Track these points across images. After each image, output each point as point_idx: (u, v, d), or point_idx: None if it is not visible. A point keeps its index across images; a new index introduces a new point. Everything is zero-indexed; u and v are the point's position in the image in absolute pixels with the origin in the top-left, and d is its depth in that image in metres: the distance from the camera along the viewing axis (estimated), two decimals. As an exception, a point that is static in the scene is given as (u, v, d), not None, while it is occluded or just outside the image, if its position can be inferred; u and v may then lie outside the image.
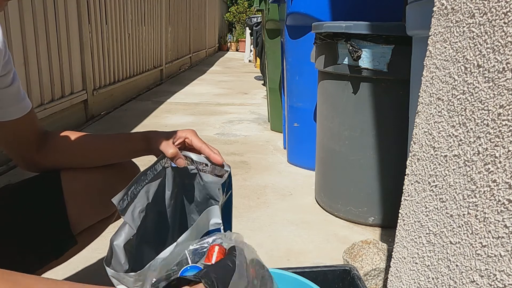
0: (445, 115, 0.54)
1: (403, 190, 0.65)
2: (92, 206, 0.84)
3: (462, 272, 0.51)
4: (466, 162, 0.50)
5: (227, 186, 0.78)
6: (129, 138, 0.86)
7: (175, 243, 0.64)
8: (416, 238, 0.62)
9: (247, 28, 8.41)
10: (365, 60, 1.41)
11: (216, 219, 0.75)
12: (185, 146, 0.82)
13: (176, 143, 0.79)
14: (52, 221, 0.79)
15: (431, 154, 0.58)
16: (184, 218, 0.82)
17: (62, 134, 0.84)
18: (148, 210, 0.70)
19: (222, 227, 0.75)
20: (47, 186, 0.81)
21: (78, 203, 0.81)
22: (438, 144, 0.56)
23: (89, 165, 0.85)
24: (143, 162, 0.96)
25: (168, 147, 0.77)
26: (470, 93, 0.49)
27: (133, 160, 0.93)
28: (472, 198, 0.49)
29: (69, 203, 0.80)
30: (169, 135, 0.81)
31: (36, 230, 0.77)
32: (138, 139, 0.84)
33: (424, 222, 0.60)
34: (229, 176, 0.78)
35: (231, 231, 0.79)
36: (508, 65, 0.43)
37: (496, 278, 0.45)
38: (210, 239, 0.63)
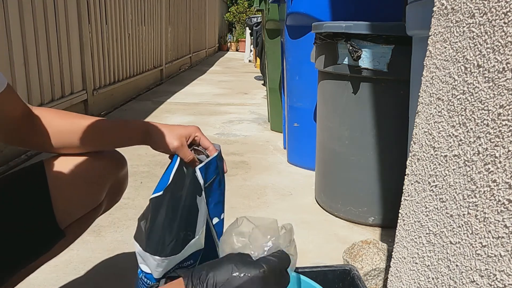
0: (445, 115, 0.54)
1: (403, 190, 0.65)
2: (79, 197, 0.81)
3: (462, 272, 0.51)
4: (466, 162, 0.50)
5: (214, 171, 0.82)
6: (127, 126, 0.84)
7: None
8: (416, 238, 0.62)
9: (247, 28, 8.41)
10: (365, 60, 1.41)
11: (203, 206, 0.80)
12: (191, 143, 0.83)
13: (188, 143, 0.82)
14: (38, 215, 0.77)
15: (431, 154, 0.58)
16: (195, 209, 0.85)
17: (52, 114, 0.81)
18: (169, 202, 0.76)
19: (206, 211, 0.81)
20: (31, 179, 0.79)
21: (64, 195, 0.79)
22: (438, 144, 0.56)
23: (77, 148, 0.82)
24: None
25: (186, 152, 0.80)
26: (470, 93, 0.49)
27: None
28: (472, 198, 0.49)
29: (54, 195, 0.78)
30: (177, 132, 0.81)
31: (21, 224, 0.75)
32: (136, 130, 0.83)
33: (424, 222, 0.60)
34: (214, 161, 0.82)
35: (223, 213, 0.86)
36: (508, 65, 0.43)
37: (496, 278, 0.45)
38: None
